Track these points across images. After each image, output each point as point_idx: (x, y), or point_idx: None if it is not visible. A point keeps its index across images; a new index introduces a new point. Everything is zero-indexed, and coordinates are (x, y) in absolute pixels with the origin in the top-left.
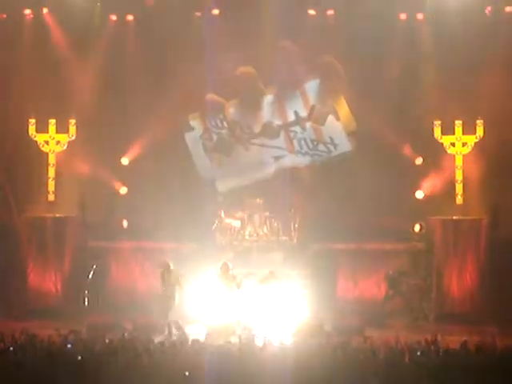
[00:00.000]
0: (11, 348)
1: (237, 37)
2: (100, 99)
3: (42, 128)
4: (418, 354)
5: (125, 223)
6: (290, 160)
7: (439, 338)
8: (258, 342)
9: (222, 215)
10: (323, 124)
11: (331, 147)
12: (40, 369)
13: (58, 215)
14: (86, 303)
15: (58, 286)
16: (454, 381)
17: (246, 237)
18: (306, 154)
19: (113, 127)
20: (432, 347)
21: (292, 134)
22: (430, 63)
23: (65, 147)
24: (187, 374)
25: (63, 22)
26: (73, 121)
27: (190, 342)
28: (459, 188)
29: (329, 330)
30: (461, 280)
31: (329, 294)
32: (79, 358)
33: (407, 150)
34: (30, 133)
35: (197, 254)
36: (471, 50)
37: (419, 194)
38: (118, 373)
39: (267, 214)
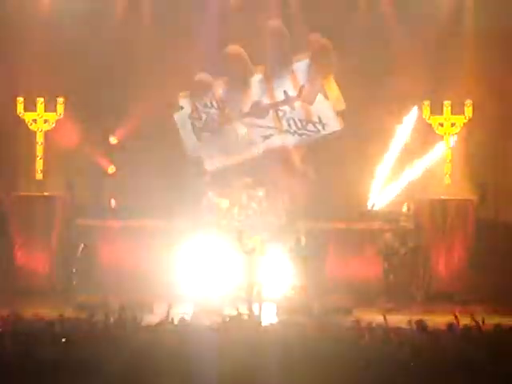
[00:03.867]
0: None
1: (225, 16)
2: (88, 78)
3: (30, 107)
4: (404, 334)
5: (113, 202)
6: (278, 139)
7: (426, 318)
8: (245, 321)
9: (210, 195)
10: (312, 103)
11: (320, 126)
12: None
13: (46, 194)
14: (74, 282)
15: (46, 265)
16: (441, 362)
17: (235, 216)
18: (294, 133)
19: (101, 106)
20: (419, 328)
21: (281, 114)
22: (419, 41)
23: (53, 126)
24: None
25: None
26: (61, 99)
27: (176, 322)
28: (447, 168)
29: (316, 310)
30: (449, 260)
31: (317, 273)
32: (63, 340)
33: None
34: (18, 111)
35: (185, 232)
36: (460, 27)
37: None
38: (106, 355)
39: (255, 193)
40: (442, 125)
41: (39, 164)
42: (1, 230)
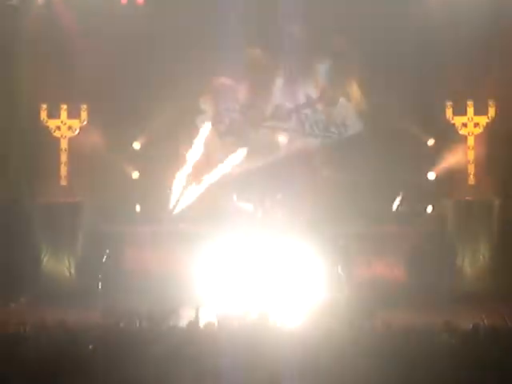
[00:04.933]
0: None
1: (247, 21)
2: (111, 84)
3: (53, 113)
4: (431, 335)
5: (137, 207)
6: (301, 142)
7: (452, 319)
8: (272, 324)
9: (235, 198)
10: (334, 106)
11: (342, 129)
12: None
13: (70, 200)
14: (100, 288)
15: (72, 271)
16: (469, 363)
17: (259, 220)
18: (317, 136)
19: (124, 112)
20: (445, 328)
21: (303, 116)
22: (443, 44)
23: (76, 132)
24: None
25: (74, 6)
26: (84, 106)
27: (203, 326)
28: (471, 168)
29: (342, 312)
30: (474, 260)
31: (342, 276)
32: (90, 347)
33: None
34: (41, 118)
35: (210, 236)
36: (484, 28)
37: (431, 176)
38: (133, 360)
39: (279, 197)
40: (465, 125)
41: (64, 170)
42: (27, 236)
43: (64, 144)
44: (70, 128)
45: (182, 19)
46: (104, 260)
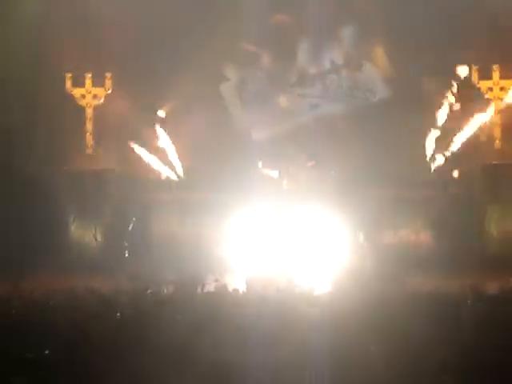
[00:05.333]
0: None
1: None
2: (136, 52)
3: (78, 82)
4: (458, 299)
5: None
6: (326, 108)
7: (481, 283)
8: (299, 290)
9: (260, 165)
10: (360, 71)
11: (368, 94)
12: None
13: (96, 168)
14: (126, 255)
15: (99, 239)
16: (498, 326)
17: (284, 187)
18: (342, 101)
19: (149, 80)
20: (473, 293)
21: (328, 82)
22: (469, 7)
23: (102, 101)
24: None
25: None
26: (109, 74)
27: (231, 291)
28: (497, 132)
29: (369, 277)
30: (502, 225)
31: (369, 241)
32: (118, 314)
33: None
34: (66, 87)
35: (236, 204)
36: None
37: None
38: (162, 326)
39: (304, 163)
40: (491, 89)
41: (89, 139)
42: (53, 205)
43: (89, 112)
44: (95, 96)
45: None
46: (130, 228)
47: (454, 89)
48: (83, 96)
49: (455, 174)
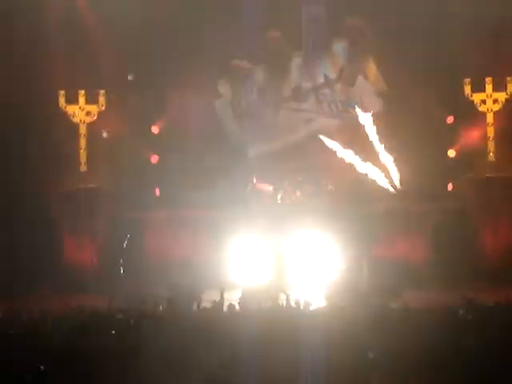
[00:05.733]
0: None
1: (264, 3)
2: (128, 69)
3: (71, 99)
4: (454, 313)
5: (157, 192)
6: (320, 123)
7: (475, 296)
8: (294, 305)
9: (254, 181)
10: (352, 85)
11: (361, 108)
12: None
13: (90, 186)
14: (121, 273)
15: (93, 257)
16: (491, 339)
17: (279, 201)
18: (336, 116)
19: (142, 97)
20: (468, 306)
21: (321, 97)
22: (458, 21)
23: (95, 118)
24: None
25: None
26: (102, 91)
27: (225, 308)
28: (491, 145)
29: (364, 292)
30: (495, 238)
31: (364, 255)
32: (113, 332)
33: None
34: (59, 104)
35: (230, 220)
36: (501, 3)
37: (451, 153)
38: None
39: (299, 178)
40: (484, 102)
41: (83, 156)
42: (47, 223)
43: (83, 129)
44: (88, 113)
45: (200, 3)
46: (125, 245)
47: (447, 102)
48: (77, 113)
49: (449, 187)
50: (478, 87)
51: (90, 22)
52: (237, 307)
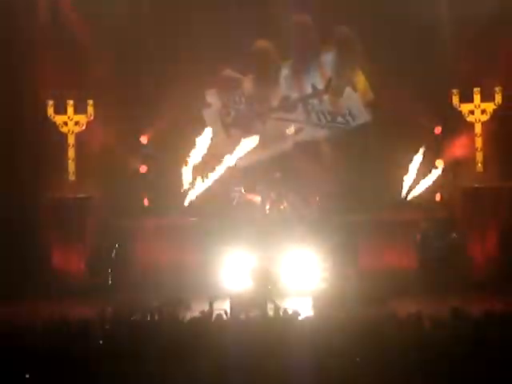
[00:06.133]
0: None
1: (251, 11)
2: (117, 79)
3: (60, 109)
4: (442, 323)
5: (146, 201)
6: (308, 133)
7: (463, 306)
8: (282, 314)
9: (243, 191)
10: (341, 96)
11: (349, 119)
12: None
13: (79, 195)
14: (110, 282)
15: (82, 266)
16: (480, 350)
17: (267, 212)
18: (324, 126)
19: (130, 106)
20: (455, 316)
21: (310, 107)
22: (446, 31)
23: (84, 128)
24: None
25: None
26: (91, 101)
27: (214, 318)
28: (479, 156)
29: (351, 302)
30: (483, 248)
31: (351, 266)
32: (100, 342)
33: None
34: (48, 114)
35: (218, 229)
36: (489, 14)
37: (439, 164)
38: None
39: (285, 188)
40: (472, 112)
41: (71, 166)
42: (36, 233)
43: (71, 139)
44: (77, 123)
45: (188, 12)
46: (114, 255)
47: (435, 112)
48: (65, 123)
49: (437, 197)
50: (467, 98)
51: (78, 33)
52: (225, 317)
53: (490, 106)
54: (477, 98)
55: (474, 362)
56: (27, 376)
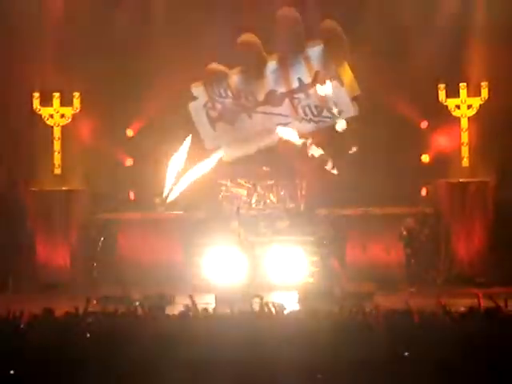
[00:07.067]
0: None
1: (237, 4)
2: (103, 72)
3: (46, 102)
4: (427, 317)
5: (131, 195)
6: (294, 127)
7: (448, 301)
8: (268, 309)
9: (228, 184)
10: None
11: (336, 113)
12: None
13: (64, 188)
14: (95, 275)
15: (67, 260)
16: (465, 344)
17: (253, 205)
18: (310, 120)
19: (117, 99)
20: (441, 311)
21: (296, 101)
22: (433, 26)
23: (69, 120)
24: None
25: None
26: (77, 94)
27: (198, 312)
28: (465, 151)
29: (338, 296)
30: (469, 242)
31: (338, 259)
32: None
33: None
34: (34, 106)
35: (204, 223)
36: (474, 10)
37: (425, 158)
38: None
39: (272, 182)
40: (458, 107)
41: (57, 159)
42: (20, 225)
43: (57, 132)
44: (62, 116)
45: (174, 6)
46: (99, 248)
47: (422, 107)
48: (51, 115)
49: (423, 191)
50: (453, 92)
51: (64, 24)
52: (210, 311)
53: (476, 101)
54: (463, 92)
55: (460, 357)
56: (11, 372)
